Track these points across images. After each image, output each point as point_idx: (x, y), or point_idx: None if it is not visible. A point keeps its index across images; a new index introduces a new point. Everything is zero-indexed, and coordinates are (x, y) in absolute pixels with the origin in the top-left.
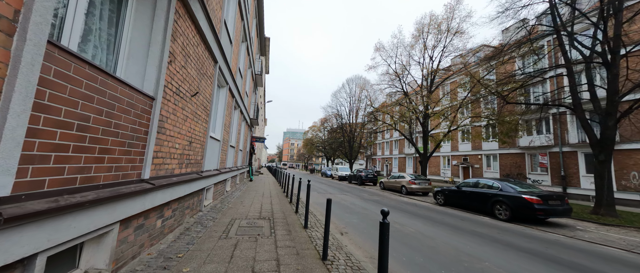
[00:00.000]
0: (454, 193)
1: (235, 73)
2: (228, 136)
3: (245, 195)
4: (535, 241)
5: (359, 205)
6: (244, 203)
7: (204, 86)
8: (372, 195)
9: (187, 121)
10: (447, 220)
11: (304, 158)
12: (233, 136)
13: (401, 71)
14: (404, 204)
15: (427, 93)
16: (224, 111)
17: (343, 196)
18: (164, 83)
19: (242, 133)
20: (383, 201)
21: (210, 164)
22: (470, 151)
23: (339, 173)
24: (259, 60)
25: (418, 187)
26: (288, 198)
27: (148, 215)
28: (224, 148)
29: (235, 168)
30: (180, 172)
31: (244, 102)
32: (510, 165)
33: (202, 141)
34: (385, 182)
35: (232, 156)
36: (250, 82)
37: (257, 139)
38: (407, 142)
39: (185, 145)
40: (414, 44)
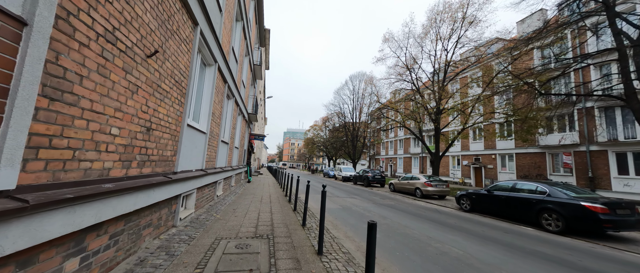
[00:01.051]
0: (483, 197)
1: (227, 53)
2: (219, 129)
3: (240, 200)
4: (612, 263)
5: (375, 212)
6: (237, 211)
7: (174, 50)
8: (384, 199)
9: (138, 93)
10: (487, 232)
11: (305, 158)
12: (226, 130)
13: (411, 63)
14: (424, 210)
15: (440, 87)
16: (211, 96)
17: (352, 200)
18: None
19: (239, 129)
20: (399, 205)
21: (190, 162)
22: (483, 150)
23: (342, 174)
24: (258, 50)
25: (434, 190)
26: (291, 204)
27: (34, 256)
28: (212, 144)
29: (229, 168)
30: (126, 174)
31: (241, 93)
32: (528, 165)
33: (173, 130)
34: (396, 184)
35: (224, 154)
36: (248, 73)
37: (256, 137)
38: (412, 141)
39: (136, 132)
40: (426, 34)
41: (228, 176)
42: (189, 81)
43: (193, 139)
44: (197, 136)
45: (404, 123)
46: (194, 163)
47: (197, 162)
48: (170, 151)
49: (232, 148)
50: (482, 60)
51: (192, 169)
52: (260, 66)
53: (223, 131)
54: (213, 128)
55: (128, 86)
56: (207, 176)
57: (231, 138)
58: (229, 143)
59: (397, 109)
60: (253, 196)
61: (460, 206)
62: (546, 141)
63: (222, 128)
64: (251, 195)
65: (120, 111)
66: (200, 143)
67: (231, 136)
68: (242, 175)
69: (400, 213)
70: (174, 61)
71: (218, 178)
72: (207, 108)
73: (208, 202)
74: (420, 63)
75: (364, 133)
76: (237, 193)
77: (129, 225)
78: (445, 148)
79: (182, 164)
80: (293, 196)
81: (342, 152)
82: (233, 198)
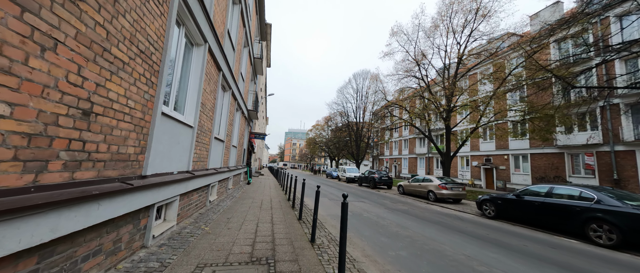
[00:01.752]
0: (511, 203)
1: (222, 37)
2: (212, 124)
3: (237, 205)
4: None
5: (390, 220)
6: (231, 222)
7: (135, 5)
8: (395, 202)
9: (57, 51)
10: (530, 247)
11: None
12: (222, 126)
13: (421, 58)
14: (444, 216)
15: (452, 83)
16: (199, 83)
17: (361, 204)
18: None
19: (237, 126)
20: (413, 211)
21: (169, 163)
22: (494, 150)
23: (346, 175)
24: (258, 44)
25: (450, 193)
26: (295, 210)
27: None
28: (202, 140)
29: (225, 169)
30: (32, 182)
31: (239, 86)
32: (545, 166)
33: (138, 118)
34: (406, 186)
35: (219, 153)
36: (248, 66)
37: (257, 136)
38: (418, 141)
39: (57, 115)
40: (437, 27)
41: (224, 178)
42: (164, 56)
43: (174, 134)
44: (180, 130)
45: (412, 122)
46: (176, 164)
47: (181, 162)
48: (133, 147)
49: (228, 146)
50: (497, 54)
51: (172, 172)
52: (260, 60)
53: (217, 127)
54: (204, 122)
55: (29, 33)
56: (195, 180)
57: (227, 135)
58: (224, 141)
59: (405, 107)
60: (252, 201)
61: (482, 212)
62: (565, 140)
63: (216, 123)
64: (250, 199)
65: (11, 74)
66: (185, 138)
67: (227, 133)
68: (242, 176)
69: (419, 221)
70: (135, 21)
71: (211, 181)
72: (195, 97)
73: (197, 210)
74: (431, 58)
75: (368, 133)
76: (234, 197)
77: (52, 260)
78: (457, 147)
79: (156, 165)
80: (297, 200)
81: (346, 152)
82: (229, 204)
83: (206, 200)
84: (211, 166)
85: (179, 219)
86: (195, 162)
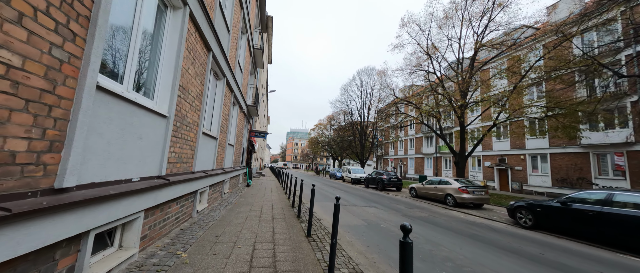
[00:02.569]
0: (555, 212)
1: (211, 9)
2: (199, 116)
3: (231, 215)
4: None
5: (415, 233)
6: (220, 242)
7: None
8: (411, 208)
9: None
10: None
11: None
12: (214, 119)
13: (433, 51)
14: (473, 226)
15: (468, 76)
16: (177, 58)
17: (374, 210)
18: None
19: (234, 122)
20: (436, 219)
21: (118, 166)
22: (509, 150)
23: (352, 175)
24: (259, 35)
25: (472, 197)
26: (301, 221)
27: None
28: (184, 136)
29: (219, 170)
30: None
31: (236, 77)
32: (566, 167)
33: (30, 85)
34: (419, 188)
35: (210, 153)
36: (247, 56)
37: (257, 134)
38: (425, 140)
39: None
40: (450, 18)
41: (217, 182)
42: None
43: (131, 124)
44: (143, 120)
45: (422, 120)
46: (137, 167)
47: (146, 165)
48: (27, 140)
49: (223, 144)
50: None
51: (128, 178)
52: (261, 51)
53: (208, 121)
54: (186, 113)
55: None
56: (172, 187)
57: (222, 132)
58: (218, 138)
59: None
60: (250, 208)
61: (517, 220)
62: (590, 139)
63: (205, 115)
64: (248, 205)
65: None
66: (152, 132)
67: (222, 130)
68: (240, 178)
69: (449, 234)
70: None
71: (198, 187)
72: (170, 78)
73: (178, 225)
74: (445, 52)
75: (373, 132)
76: (230, 203)
77: None
78: (473, 146)
79: (91, 171)
80: (303, 206)
81: (349, 152)
82: (222, 213)
83: (192, 210)
84: (199, 168)
85: (144, 243)
86: (172, 164)
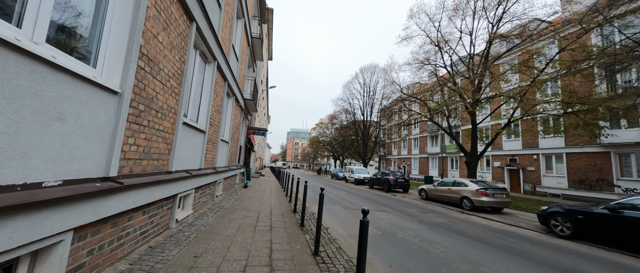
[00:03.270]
0: (601, 220)
1: None
2: (178, 102)
3: (221, 225)
4: None
5: (439, 244)
6: (198, 266)
7: None
8: (425, 212)
9: None
10: None
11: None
12: (201, 109)
13: (443, 43)
14: (502, 236)
15: (483, 67)
16: (133, 14)
17: (386, 215)
18: None
19: (229, 115)
20: (456, 226)
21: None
22: (520, 149)
23: (355, 176)
24: (258, 26)
25: (492, 201)
26: (305, 232)
27: None
28: (153, 124)
29: (208, 170)
30: None
31: (230, 63)
32: (584, 168)
33: None
34: (430, 190)
35: (196, 149)
36: (244, 43)
37: (257, 132)
38: (430, 140)
39: None
40: (458, 9)
41: (206, 183)
42: None
43: (33, 95)
44: (64, 91)
45: (431, 117)
46: (51, 165)
47: (81, 160)
48: None
49: (214, 140)
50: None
51: (39, 183)
52: (260, 41)
53: (194, 110)
54: (154, 93)
55: None
56: (127, 194)
57: (212, 125)
58: (206, 132)
59: (424, 101)
60: (245, 215)
61: (551, 228)
62: (617, 137)
63: (187, 101)
64: (244, 211)
65: None
66: (93, 112)
67: (212, 122)
68: (237, 178)
69: (480, 246)
70: None
71: (179, 190)
72: (123, 36)
73: (143, 243)
74: (455, 46)
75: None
76: (221, 208)
77: None
78: (485, 145)
79: None
80: (302, 208)
81: (352, 151)
82: (210, 221)
83: (169, 219)
84: (179, 167)
85: (102, 258)
86: (133, 161)
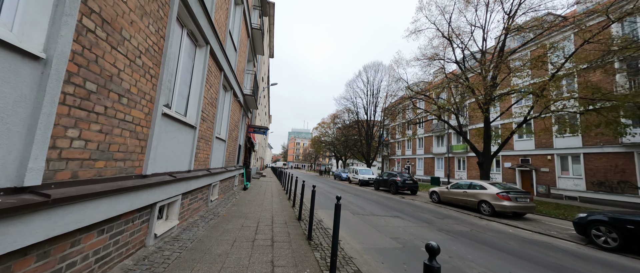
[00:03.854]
0: None
1: None
2: (157, 87)
3: (213, 236)
4: None
5: (472, 262)
6: None
7: None
8: (442, 218)
9: None
10: None
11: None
12: (191, 100)
13: (454, 37)
14: (540, 249)
15: (499, 58)
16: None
17: (400, 222)
18: None
19: (226, 110)
20: (479, 234)
21: None
22: (533, 150)
23: (359, 177)
24: (259, 18)
25: (514, 205)
26: (314, 248)
27: None
28: (115, 112)
29: (201, 172)
30: None
31: (227, 51)
32: (604, 169)
33: None
34: (443, 193)
35: (183, 147)
36: (242, 32)
37: (257, 130)
38: (435, 139)
39: None
40: (469, 2)
41: (197, 188)
42: None
43: None
44: None
45: (440, 115)
46: None
47: None
48: None
49: (208, 137)
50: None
51: None
52: (260, 32)
53: (180, 100)
54: (114, 71)
55: None
56: (65, 210)
57: (205, 120)
58: (196, 127)
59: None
60: (243, 224)
61: (592, 239)
62: (636, 137)
63: (167, 86)
64: (241, 218)
65: None
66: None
67: (205, 117)
68: (236, 180)
69: (521, 264)
70: None
71: (157, 198)
72: None
73: (107, 268)
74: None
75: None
76: (216, 215)
77: None
78: (499, 145)
79: None
80: (309, 217)
81: (355, 151)
82: (200, 234)
83: (146, 236)
84: (159, 169)
85: None
86: (79, 161)
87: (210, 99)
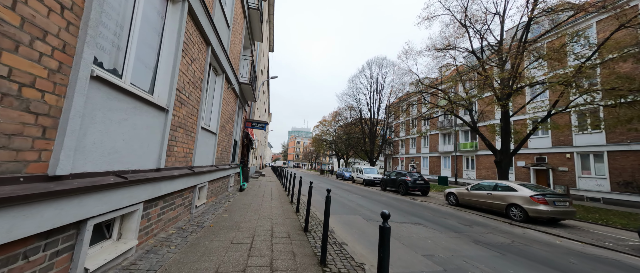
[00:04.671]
0: None
1: None
2: (83, 36)
3: (190, 259)
4: None
5: None
6: None
7: None
8: (469, 224)
9: None
10: None
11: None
12: (160, 72)
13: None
14: (602, 266)
15: (522, 48)
16: None
17: (425, 231)
18: None
19: (217, 99)
20: (526, 248)
21: None
22: (550, 147)
23: (363, 176)
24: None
25: (552, 210)
26: (326, 267)
27: None
28: None
29: (182, 170)
30: None
31: (216, 25)
32: (632, 168)
33: None
34: (462, 195)
35: (149, 135)
36: (238, 10)
37: (255, 125)
38: (442, 138)
39: None
40: None
41: (171, 192)
42: None
43: None
44: None
45: (452, 109)
46: None
47: None
48: None
49: (190, 127)
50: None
51: None
52: (258, 13)
53: (141, 68)
54: None
55: None
56: None
57: (184, 104)
58: (170, 111)
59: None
60: (233, 239)
61: None
62: None
63: (97, 24)
64: (232, 230)
65: None
66: None
67: (185, 100)
68: (231, 180)
69: None
70: None
71: (87, 213)
72: None
73: None
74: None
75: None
76: (200, 226)
77: None
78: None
79: None
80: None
81: (358, 149)
82: (169, 261)
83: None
84: (91, 166)
85: None
86: None
87: (191, 77)
